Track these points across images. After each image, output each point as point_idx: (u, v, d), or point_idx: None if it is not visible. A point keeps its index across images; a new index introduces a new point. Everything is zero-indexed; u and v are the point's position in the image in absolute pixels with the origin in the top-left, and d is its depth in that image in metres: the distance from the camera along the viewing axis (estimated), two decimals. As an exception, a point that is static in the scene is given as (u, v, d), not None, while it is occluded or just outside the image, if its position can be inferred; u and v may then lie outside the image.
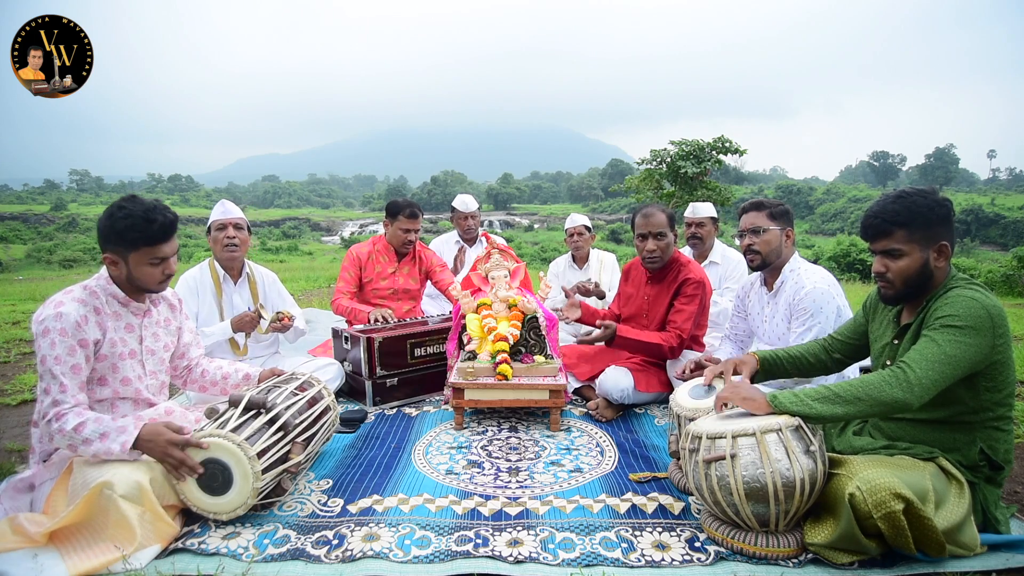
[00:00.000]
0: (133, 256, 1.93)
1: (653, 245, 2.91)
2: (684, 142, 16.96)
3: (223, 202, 3.04)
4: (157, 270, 1.97)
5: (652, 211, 2.94)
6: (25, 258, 29.09)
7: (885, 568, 1.64)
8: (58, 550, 1.68)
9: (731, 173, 50.30)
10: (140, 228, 1.89)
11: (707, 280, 2.99)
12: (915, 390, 1.60)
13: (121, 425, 1.82)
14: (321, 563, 1.69)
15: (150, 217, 1.90)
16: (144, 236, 1.90)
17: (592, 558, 1.72)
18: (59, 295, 1.92)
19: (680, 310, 2.90)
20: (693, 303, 2.88)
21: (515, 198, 76.75)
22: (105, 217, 1.93)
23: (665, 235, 2.91)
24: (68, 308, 1.87)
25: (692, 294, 2.89)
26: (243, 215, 3.05)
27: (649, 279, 3.08)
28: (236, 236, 2.95)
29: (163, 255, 1.96)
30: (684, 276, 2.93)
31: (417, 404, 3.19)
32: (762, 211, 2.50)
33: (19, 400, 3.35)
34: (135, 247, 1.92)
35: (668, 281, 2.99)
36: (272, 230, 49.17)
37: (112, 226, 1.90)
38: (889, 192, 1.80)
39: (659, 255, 2.94)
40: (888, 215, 1.74)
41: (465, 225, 4.46)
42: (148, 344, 2.11)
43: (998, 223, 39.73)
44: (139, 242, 1.91)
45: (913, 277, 1.75)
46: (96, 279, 2.00)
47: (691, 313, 2.87)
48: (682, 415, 2.04)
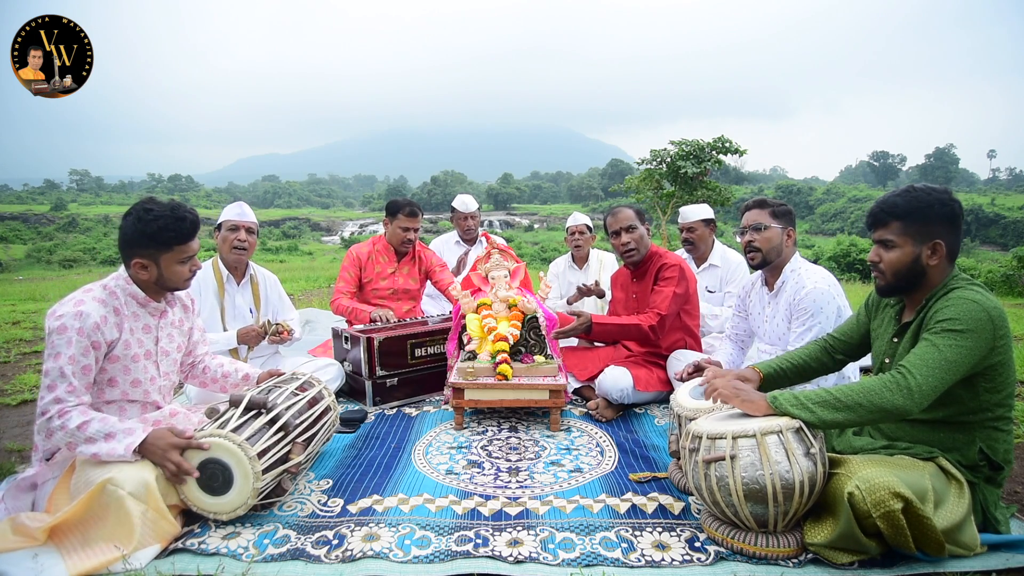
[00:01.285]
0: (165, 257, 1.95)
1: (627, 238, 3.03)
2: (684, 142, 16.95)
3: (240, 204, 3.02)
4: (186, 268, 2.01)
5: (618, 208, 3.11)
6: (25, 258, 29.08)
7: (885, 568, 1.64)
8: (58, 550, 1.68)
9: (731, 173, 50.31)
10: (173, 228, 1.92)
11: (686, 265, 3.03)
12: (915, 397, 1.60)
13: (128, 427, 1.82)
14: (321, 563, 1.69)
15: (179, 215, 1.93)
16: (177, 235, 1.93)
17: (592, 558, 1.72)
18: (79, 293, 1.92)
19: (658, 291, 2.96)
20: (670, 284, 2.94)
21: (515, 198, 76.76)
22: (133, 222, 1.92)
23: (635, 227, 3.03)
24: (89, 308, 1.86)
25: (669, 276, 2.96)
26: (256, 220, 3.05)
27: (633, 277, 3.18)
28: (247, 240, 2.96)
29: (192, 252, 2.01)
30: (660, 263, 3.03)
31: (417, 404, 3.19)
32: (764, 209, 2.51)
33: (19, 400, 3.35)
34: (168, 247, 1.94)
35: (649, 274, 3.08)
36: (272, 230, 49.18)
37: (143, 230, 1.90)
38: (902, 185, 1.81)
39: (635, 247, 3.04)
40: (888, 206, 1.76)
41: (465, 225, 4.46)
42: (163, 345, 2.11)
43: (998, 223, 39.73)
44: (172, 241, 1.93)
45: (903, 271, 1.76)
46: (115, 279, 2.00)
47: (668, 294, 2.91)
48: (682, 415, 2.04)
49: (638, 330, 2.87)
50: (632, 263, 3.11)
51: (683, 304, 3.01)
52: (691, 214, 3.72)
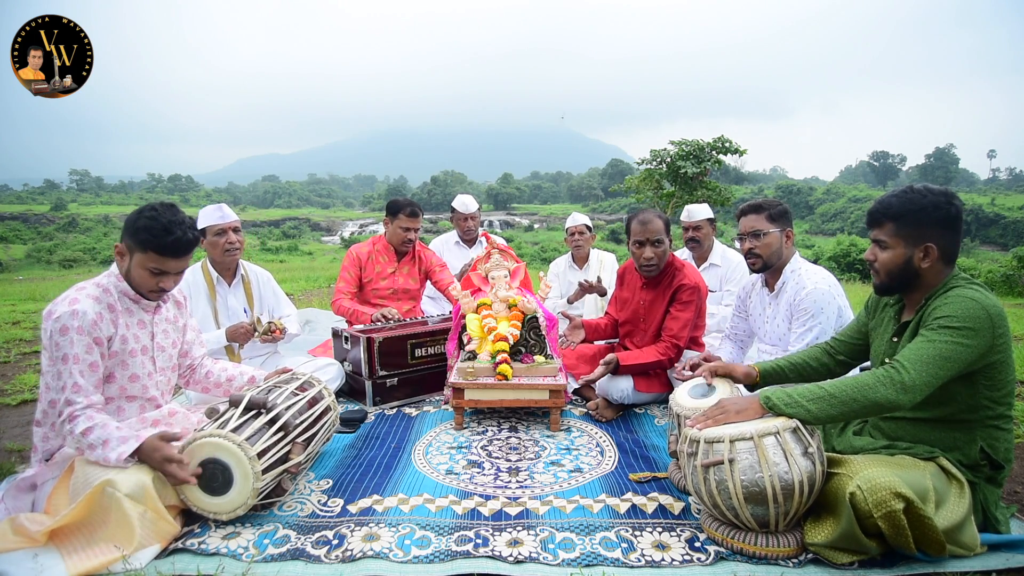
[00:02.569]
0: (138, 255, 1.95)
1: (651, 253, 2.85)
2: (684, 142, 16.95)
3: (220, 206, 2.96)
4: (153, 280, 1.97)
5: (649, 217, 2.86)
6: (25, 258, 29.09)
7: (885, 568, 1.64)
8: (58, 550, 1.68)
9: (731, 173, 50.30)
10: (155, 234, 1.90)
11: (703, 284, 2.96)
12: (908, 391, 1.60)
13: (122, 435, 1.82)
14: (321, 563, 1.69)
15: (170, 228, 1.91)
16: (155, 243, 1.91)
17: (592, 558, 1.72)
18: (72, 292, 1.92)
19: (676, 317, 2.86)
20: (688, 310, 2.85)
21: (515, 198, 76.76)
22: (135, 212, 1.97)
23: (662, 242, 2.86)
24: (84, 305, 1.87)
25: (688, 300, 2.85)
26: (237, 217, 3.02)
27: (644, 284, 3.04)
28: (236, 240, 2.95)
29: (165, 268, 1.95)
30: (679, 282, 2.88)
31: (417, 404, 3.19)
32: (761, 213, 2.49)
33: (19, 400, 3.35)
34: (142, 248, 1.93)
35: (663, 287, 2.95)
36: (272, 230, 49.19)
37: (135, 221, 1.93)
38: (904, 184, 1.81)
39: (656, 263, 2.88)
40: (883, 206, 1.77)
41: (465, 226, 4.45)
42: (159, 340, 2.12)
43: (998, 223, 39.73)
44: (147, 246, 1.92)
45: (895, 271, 1.77)
46: (107, 276, 2.01)
47: (687, 320, 2.85)
48: (682, 414, 2.03)
49: (659, 364, 2.85)
50: (647, 276, 2.97)
51: (696, 321, 2.98)
52: (697, 213, 3.75)
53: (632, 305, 3.10)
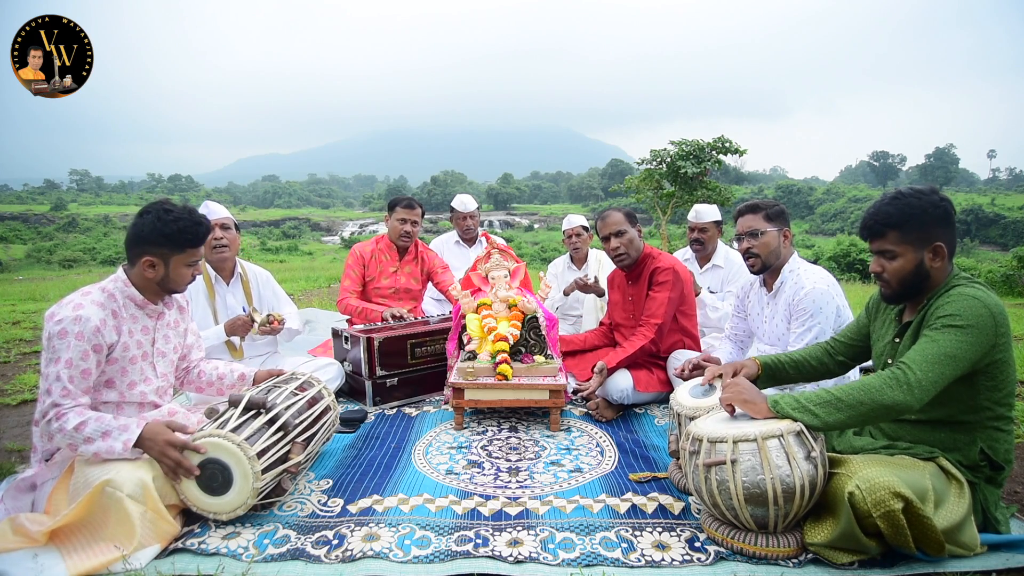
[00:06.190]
0: (176, 258, 1.97)
1: (616, 243, 2.98)
2: (684, 142, 16.94)
3: (206, 203, 2.91)
4: (190, 271, 2.04)
5: (607, 212, 3.05)
6: (25, 258, 29.08)
7: (885, 568, 1.63)
8: (58, 550, 1.68)
9: (731, 173, 50.27)
10: (191, 231, 1.95)
11: (680, 267, 3.01)
12: (915, 392, 1.59)
13: (123, 423, 1.82)
14: (321, 563, 1.69)
15: (197, 219, 1.98)
16: (193, 238, 1.97)
17: (592, 558, 1.72)
18: (76, 296, 1.90)
19: (652, 298, 2.95)
20: (664, 289, 2.92)
21: (515, 198, 76.77)
22: (152, 220, 1.93)
23: (625, 231, 2.98)
24: (88, 311, 1.86)
25: (663, 280, 2.94)
26: (229, 214, 2.98)
27: (628, 280, 3.15)
28: (224, 236, 2.89)
29: (200, 257, 2.05)
30: (653, 266, 3.00)
31: (417, 404, 3.19)
32: (758, 213, 2.49)
33: (19, 400, 3.35)
34: (181, 249, 1.96)
35: (643, 277, 3.05)
36: (272, 230, 49.19)
37: (161, 229, 1.92)
38: (888, 191, 1.79)
39: (624, 251, 3.00)
40: (881, 217, 1.74)
41: (464, 225, 4.46)
42: (160, 346, 2.11)
43: (998, 223, 39.72)
44: (186, 244, 1.96)
45: (908, 278, 1.75)
46: (113, 281, 1.99)
47: (663, 300, 2.91)
48: (682, 414, 2.04)
49: (644, 349, 2.90)
50: (624, 267, 3.09)
51: (679, 306, 3.01)
52: (705, 214, 3.73)
53: (623, 304, 3.19)
